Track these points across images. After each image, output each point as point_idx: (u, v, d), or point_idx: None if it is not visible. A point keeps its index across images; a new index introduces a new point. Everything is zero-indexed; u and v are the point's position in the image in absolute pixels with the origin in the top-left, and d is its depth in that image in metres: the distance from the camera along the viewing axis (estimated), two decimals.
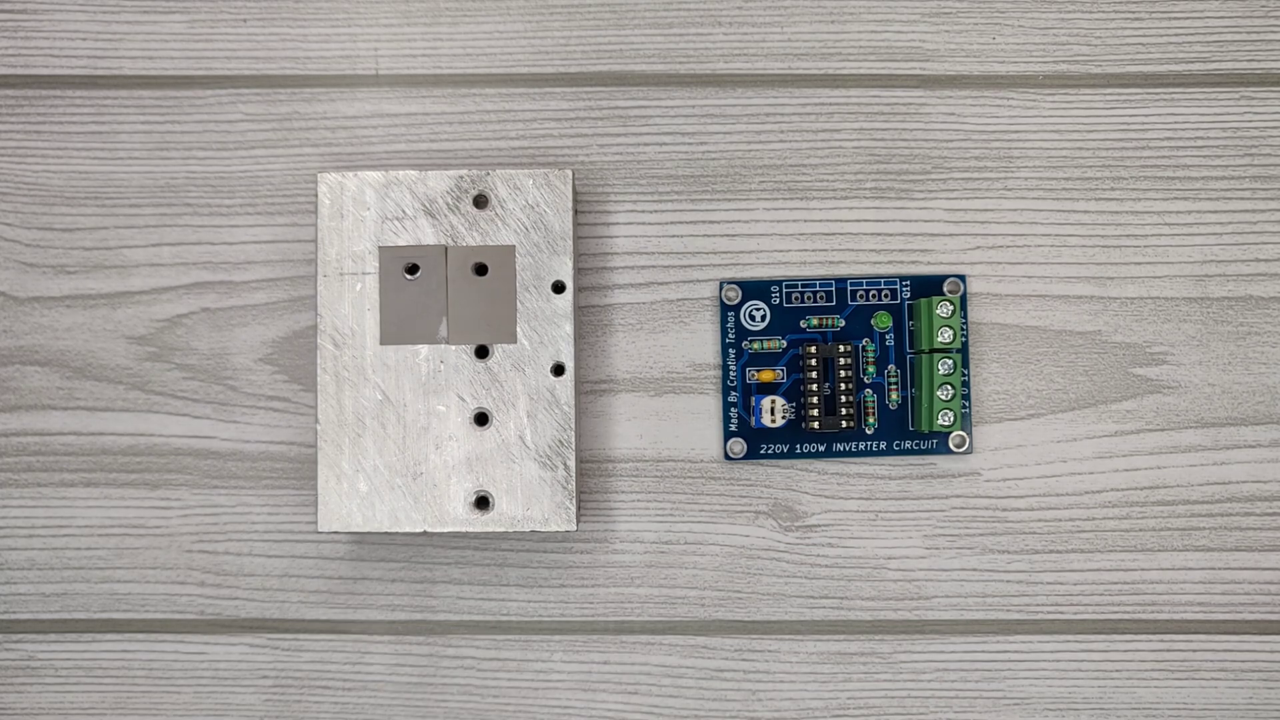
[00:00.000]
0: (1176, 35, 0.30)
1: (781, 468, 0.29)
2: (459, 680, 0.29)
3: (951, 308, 0.28)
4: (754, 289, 0.29)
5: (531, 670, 0.29)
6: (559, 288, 0.28)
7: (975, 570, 0.29)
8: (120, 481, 0.29)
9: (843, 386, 0.29)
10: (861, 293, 0.29)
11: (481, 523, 0.27)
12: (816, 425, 0.29)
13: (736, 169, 0.30)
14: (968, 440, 0.29)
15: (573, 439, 0.27)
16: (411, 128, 0.30)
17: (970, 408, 0.29)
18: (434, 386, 0.28)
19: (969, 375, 0.29)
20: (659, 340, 0.30)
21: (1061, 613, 0.29)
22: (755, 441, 0.29)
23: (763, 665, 0.29)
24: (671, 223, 0.30)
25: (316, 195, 0.28)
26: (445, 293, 0.28)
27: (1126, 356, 0.29)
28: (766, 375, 0.29)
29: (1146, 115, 0.30)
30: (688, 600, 0.29)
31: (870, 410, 0.29)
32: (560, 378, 0.28)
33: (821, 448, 0.29)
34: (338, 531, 0.27)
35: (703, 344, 0.29)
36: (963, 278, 0.29)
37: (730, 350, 0.29)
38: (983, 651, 0.29)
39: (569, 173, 0.28)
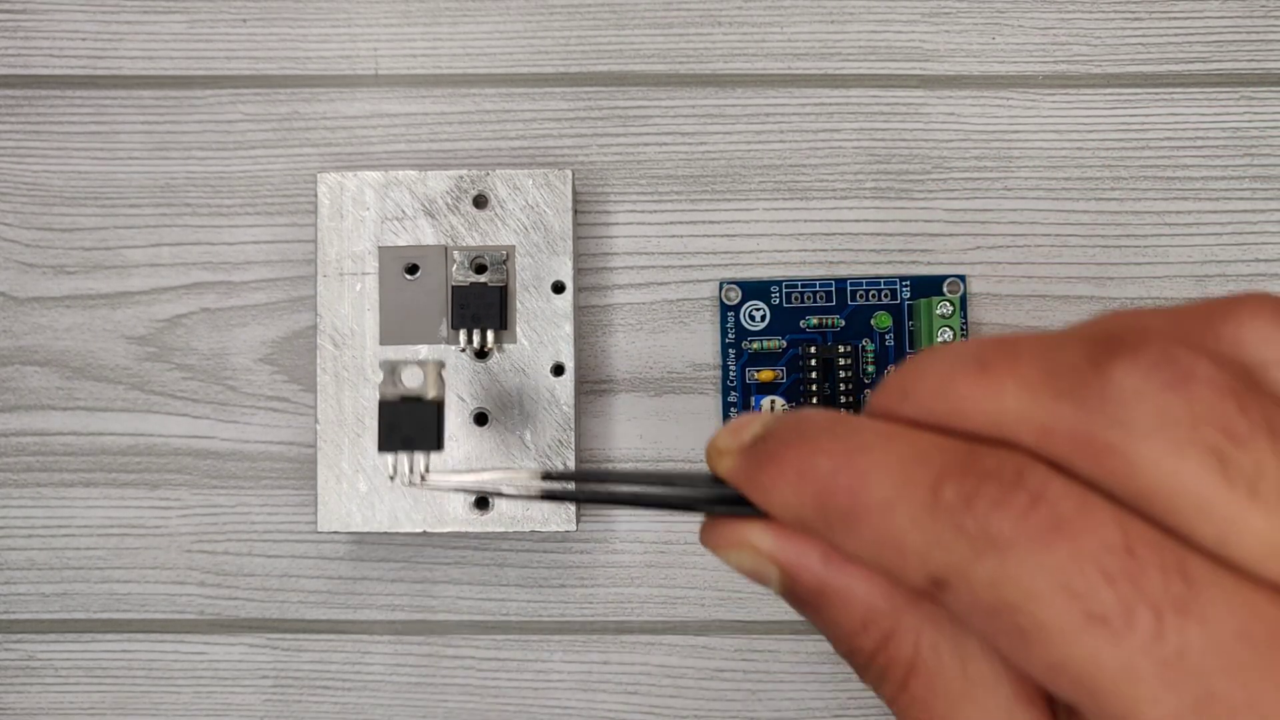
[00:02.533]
0: (1176, 35, 0.30)
1: None
2: (459, 680, 0.29)
3: (951, 308, 0.28)
4: (754, 289, 0.29)
5: (531, 670, 0.29)
6: (559, 288, 0.28)
7: None
8: (120, 481, 0.29)
9: (842, 387, 0.29)
10: (861, 293, 0.29)
11: (481, 523, 0.27)
12: None
13: (736, 169, 0.30)
14: None
15: (573, 439, 0.27)
16: (411, 128, 0.30)
17: None
18: None
19: None
20: (659, 340, 0.30)
21: None
22: None
23: (762, 665, 0.29)
24: (671, 223, 0.30)
25: (316, 195, 0.28)
26: (446, 293, 0.28)
27: None
28: (766, 375, 0.29)
29: (1146, 115, 0.30)
30: (687, 600, 0.29)
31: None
32: (560, 378, 0.28)
33: None
34: (337, 531, 0.27)
35: (702, 344, 0.29)
36: (963, 278, 0.29)
37: (730, 350, 0.29)
38: None
39: (569, 173, 0.28)
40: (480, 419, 0.28)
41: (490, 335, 0.27)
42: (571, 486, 0.20)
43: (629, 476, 0.20)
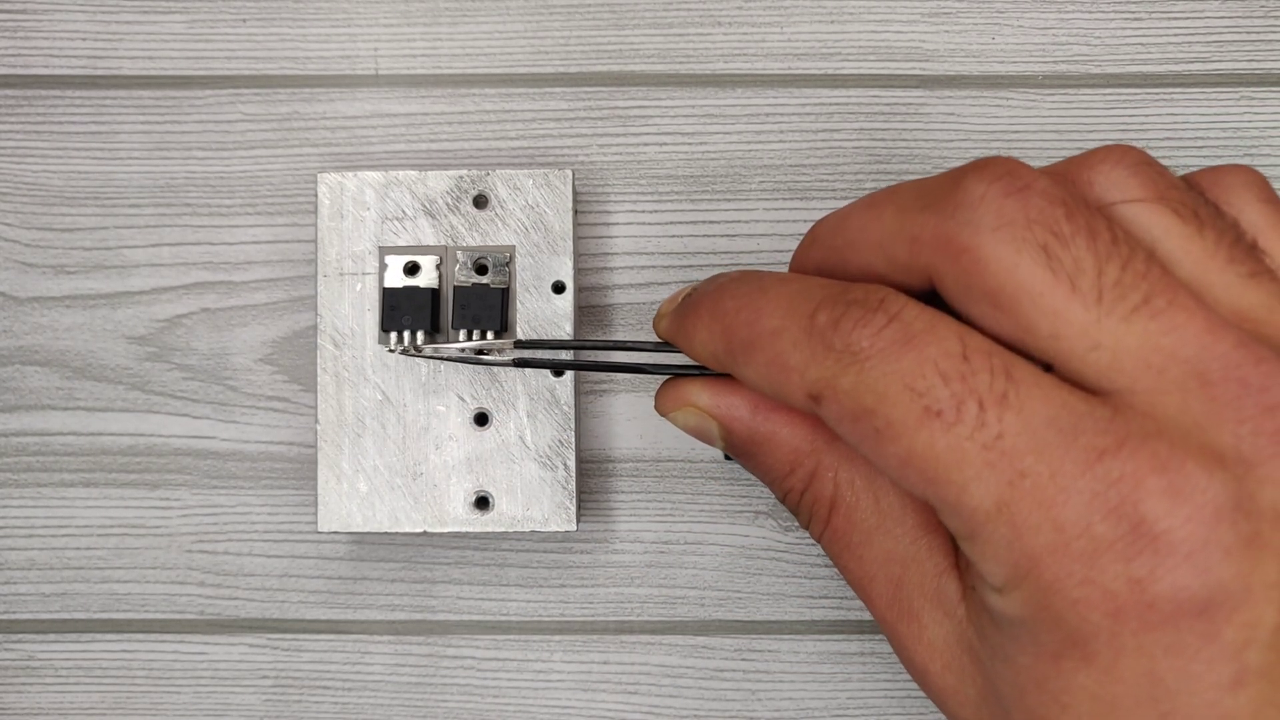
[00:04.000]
0: (1176, 35, 0.30)
1: None
2: (459, 680, 0.29)
3: None
4: None
5: (531, 670, 0.29)
6: (559, 288, 0.28)
7: None
8: (120, 482, 0.29)
9: None
10: None
11: (481, 523, 0.27)
12: None
13: (736, 169, 0.30)
14: None
15: (573, 439, 0.27)
16: (411, 128, 0.30)
17: None
18: (434, 386, 0.28)
19: None
20: None
21: None
22: None
23: (762, 665, 0.29)
24: (671, 223, 0.30)
25: (316, 195, 0.28)
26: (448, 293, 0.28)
27: None
28: None
29: (1146, 115, 0.30)
30: (687, 600, 0.29)
31: None
32: (560, 378, 0.28)
33: None
34: (338, 532, 0.27)
35: None
36: None
37: None
38: None
39: (569, 173, 0.28)
40: (481, 419, 0.28)
41: (490, 336, 0.27)
42: (545, 355, 0.24)
43: (594, 346, 0.23)
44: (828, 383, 0.18)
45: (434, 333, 0.28)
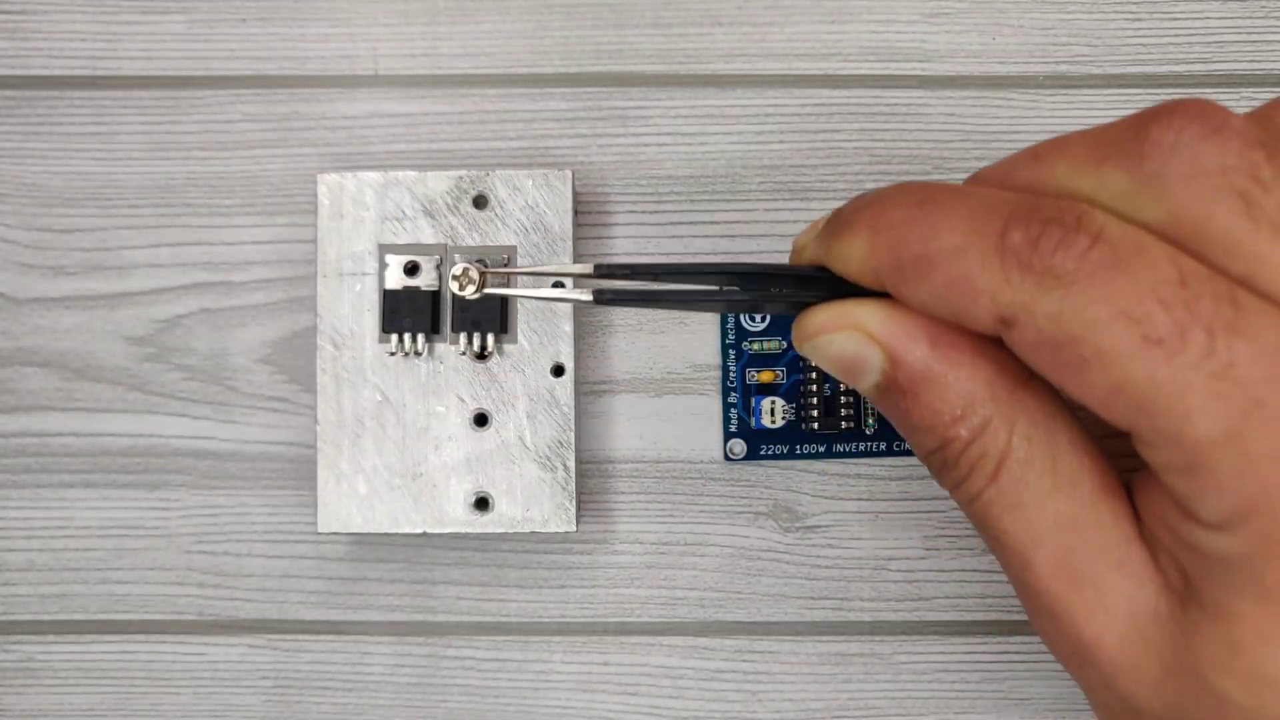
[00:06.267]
0: (1177, 36, 0.30)
1: (781, 468, 0.29)
2: (459, 681, 0.29)
3: None
4: None
5: (531, 671, 0.29)
6: (559, 288, 0.28)
7: (976, 571, 0.29)
8: (119, 483, 0.29)
9: (843, 387, 0.29)
10: None
11: (481, 524, 0.27)
12: (816, 426, 0.29)
13: (736, 169, 0.30)
14: None
15: (572, 440, 0.27)
16: (411, 128, 0.30)
17: None
18: (433, 387, 0.28)
19: None
20: (659, 341, 0.29)
21: None
22: (755, 442, 0.29)
23: (763, 666, 0.29)
24: (671, 223, 0.30)
25: (316, 195, 0.28)
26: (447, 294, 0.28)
27: None
28: (766, 376, 0.29)
29: None
30: (688, 601, 0.29)
31: (870, 411, 0.29)
32: (560, 378, 0.28)
33: (821, 448, 0.29)
34: (337, 532, 0.27)
35: (703, 345, 0.29)
36: None
37: (730, 351, 0.29)
38: (983, 652, 0.29)
39: (569, 173, 0.28)
40: (480, 419, 0.28)
41: (491, 339, 0.27)
42: (627, 286, 0.21)
43: (691, 270, 0.20)
44: (1024, 306, 0.16)
45: (434, 334, 0.28)
